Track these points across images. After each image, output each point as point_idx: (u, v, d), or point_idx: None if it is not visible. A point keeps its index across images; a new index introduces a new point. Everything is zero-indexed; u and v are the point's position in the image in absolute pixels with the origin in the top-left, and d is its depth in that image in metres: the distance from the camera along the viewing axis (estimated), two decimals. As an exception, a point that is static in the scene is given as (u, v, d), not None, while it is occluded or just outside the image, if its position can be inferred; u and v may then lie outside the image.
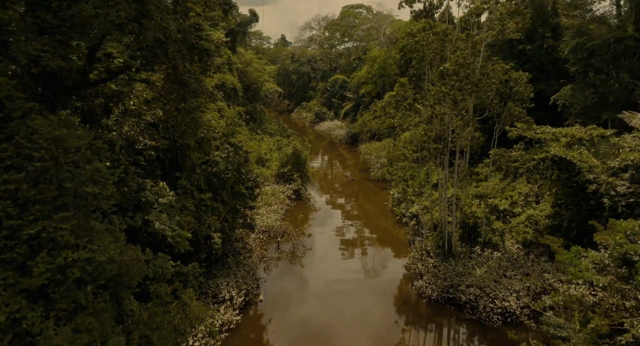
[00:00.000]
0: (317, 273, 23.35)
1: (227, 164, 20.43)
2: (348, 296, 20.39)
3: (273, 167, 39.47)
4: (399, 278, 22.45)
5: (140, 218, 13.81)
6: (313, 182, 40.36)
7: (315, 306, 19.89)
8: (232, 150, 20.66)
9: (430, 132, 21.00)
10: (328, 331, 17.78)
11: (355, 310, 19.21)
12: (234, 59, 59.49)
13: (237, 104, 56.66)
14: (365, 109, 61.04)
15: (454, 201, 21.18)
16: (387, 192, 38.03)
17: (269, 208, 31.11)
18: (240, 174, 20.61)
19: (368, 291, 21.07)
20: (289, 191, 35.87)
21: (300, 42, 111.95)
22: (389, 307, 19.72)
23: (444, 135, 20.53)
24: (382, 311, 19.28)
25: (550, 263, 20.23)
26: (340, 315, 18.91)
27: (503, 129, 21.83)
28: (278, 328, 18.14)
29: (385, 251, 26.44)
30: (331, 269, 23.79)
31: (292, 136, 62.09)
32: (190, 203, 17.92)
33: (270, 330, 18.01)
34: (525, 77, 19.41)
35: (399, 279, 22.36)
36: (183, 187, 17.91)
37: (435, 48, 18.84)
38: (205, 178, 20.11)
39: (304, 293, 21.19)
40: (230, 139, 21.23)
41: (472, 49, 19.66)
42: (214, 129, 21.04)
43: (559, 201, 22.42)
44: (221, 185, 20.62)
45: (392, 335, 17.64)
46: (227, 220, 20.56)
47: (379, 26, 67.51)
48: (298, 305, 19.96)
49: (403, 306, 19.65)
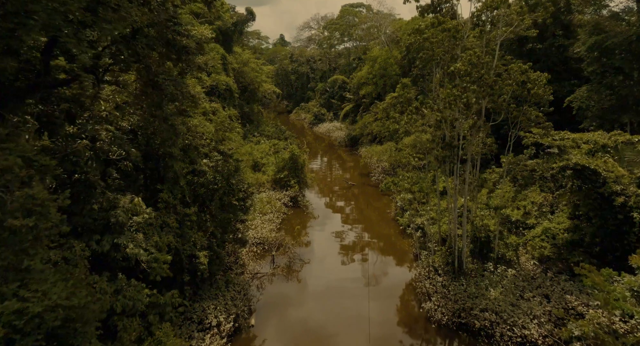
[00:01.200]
0: (314, 292, 21.46)
1: (215, 174, 18.56)
2: (349, 322, 18.50)
3: (269, 172, 37.59)
4: (406, 299, 20.56)
5: (109, 241, 11.92)
6: (311, 187, 38.47)
7: (312, 326, 18.02)
8: (221, 158, 18.79)
9: (437, 139, 19.16)
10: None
11: (360, 337, 17.33)
12: (229, 59, 57.62)
13: (233, 106, 54.92)
14: (366, 110, 59.18)
15: (465, 213, 19.31)
16: (389, 198, 36.21)
17: (263, 217, 29.23)
18: (230, 184, 18.73)
19: (374, 313, 19.16)
20: (286, 198, 34.00)
21: (299, 42, 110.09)
22: (395, 332, 17.83)
23: (453, 142, 18.67)
24: (390, 341, 17.36)
25: (571, 283, 18.39)
26: (341, 343, 17.06)
27: (515, 134, 19.97)
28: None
29: (389, 266, 24.55)
30: (330, 285, 21.91)
31: (290, 138, 60.34)
32: (173, 218, 16.04)
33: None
34: (545, 78, 17.55)
35: (406, 300, 20.47)
36: (165, 201, 16.02)
37: (446, 46, 16.97)
38: (191, 189, 18.24)
39: (299, 311, 19.32)
40: (220, 146, 19.33)
41: (485, 48, 17.81)
42: (202, 135, 19.17)
43: (578, 213, 20.55)
44: (209, 197, 18.75)
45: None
46: (216, 235, 18.68)
47: (379, 25, 65.67)
48: (292, 328, 18.09)
49: (411, 332, 17.76)
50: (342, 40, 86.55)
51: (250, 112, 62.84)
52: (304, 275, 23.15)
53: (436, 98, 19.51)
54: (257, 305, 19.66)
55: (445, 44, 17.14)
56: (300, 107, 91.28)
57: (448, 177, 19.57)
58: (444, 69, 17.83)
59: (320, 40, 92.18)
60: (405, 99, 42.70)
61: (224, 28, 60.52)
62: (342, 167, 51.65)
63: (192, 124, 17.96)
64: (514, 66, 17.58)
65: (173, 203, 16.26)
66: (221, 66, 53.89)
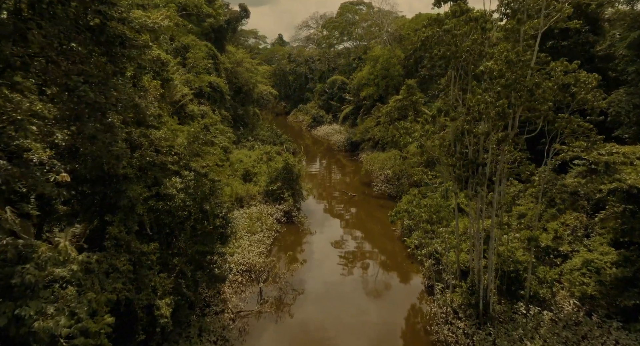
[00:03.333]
0: (308, 338, 17.91)
1: (186, 198, 15.01)
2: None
3: (262, 182, 34.01)
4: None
5: (8, 312, 8.37)
6: (308, 198, 34.82)
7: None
8: (192, 178, 15.23)
9: (453, 150, 15.61)
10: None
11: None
12: (222, 58, 54.09)
13: (225, 108, 51.37)
14: (367, 113, 55.64)
15: (493, 244, 15.74)
16: (394, 212, 32.70)
17: (252, 237, 25.67)
18: (204, 211, 15.18)
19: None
20: (279, 213, 30.43)
21: (297, 42, 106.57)
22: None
23: (478, 158, 15.14)
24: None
25: (627, 333, 14.85)
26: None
27: (553, 148, 16.43)
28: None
29: (398, 301, 20.90)
30: (328, 325, 18.37)
31: (287, 143, 56.79)
32: (124, 259, 12.51)
33: None
34: (595, 80, 14.04)
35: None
36: (114, 237, 12.50)
37: (474, 40, 13.39)
38: (155, 217, 14.69)
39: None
40: (193, 162, 15.78)
41: (520, 42, 14.27)
42: (170, 150, 15.64)
43: (624, 240, 17.02)
44: (178, 226, 15.20)
45: None
46: (186, 274, 15.13)
47: (381, 23, 62.15)
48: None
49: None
50: (342, 39, 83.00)
51: (245, 115, 59.33)
52: (297, 310, 19.62)
53: (455, 104, 16.00)
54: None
55: (473, 37, 13.61)
56: (298, 108, 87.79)
57: (470, 199, 16.05)
58: (468, 69, 14.27)
59: (319, 39, 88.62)
60: (409, 102, 39.15)
61: (216, 25, 57.02)
62: (341, 173, 48.10)
63: (155, 137, 14.40)
64: (557, 64, 14.03)
65: (125, 239, 12.71)
66: (212, 66, 50.41)
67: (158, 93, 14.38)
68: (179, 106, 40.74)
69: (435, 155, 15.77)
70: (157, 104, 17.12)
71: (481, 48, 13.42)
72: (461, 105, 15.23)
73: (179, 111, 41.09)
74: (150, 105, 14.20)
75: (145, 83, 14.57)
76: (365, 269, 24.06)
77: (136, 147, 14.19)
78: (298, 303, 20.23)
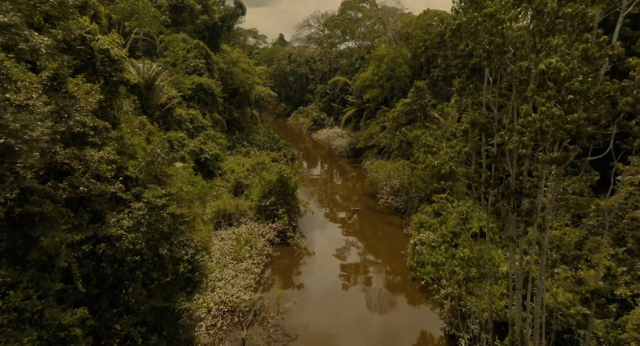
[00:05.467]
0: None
1: (136, 239, 11.27)
2: None
3: (254, 195, 30.25)
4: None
5: None
6: (305, 214, 30.89)
7: None
8: (145, 212, 11.50)
9: (492, 179, 11.84)
10: None
11: None
12: (215, 58, 50.39)
13: (218, 112, 47.64)
14: (371, 117, 51.87)
15: (541, 299, 11.90)
16: (401, 230, 28.92)
17: (238, 266, 21.92)
18: (160, 256, 11.42)
19: None
20: (272, 233, 26.70)
21: (298, 41, 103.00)
22: None
23: (524, 188, 11.33)
24: None
25: None
26: None
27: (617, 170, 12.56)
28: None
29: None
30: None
31: (284, 148, 53.06)
32: (35, 335, 8.80)
33: None
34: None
35: None
36: (15, 308, 8.77)
37: (535, 26, 9.48)
38: (92, 266, 10.96)
39: None
40: (149, 190, 12.03)
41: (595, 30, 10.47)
42: (120, 174, 11.93)
43: None
44: (126, 276, 11.46)
45: None
46: (136, 342, 11.37)
47: (385, 20, 58.30)
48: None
49: None
50: (344, 38, 79.27)
51: (241, 118, 55.63)
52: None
53: (490, 115, 12.20)
54: None
55: (522, 25, 9.82)
56: (298, 110, 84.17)
57: (512, 241, 12.19)
58: (518, 68, 10.42)
59: (320, 38, 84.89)
60: (418, 106, 35.25)
61: (210, 23, 53.36)
62: (343, 182, 44.24)
63: (93, 159, 10.68)
64: (637, 60, 10.20)
65: (36, 307, 8.99)
66: (204, 66, 46.70)
67: (94, 100, 10.62)
68: (165, 109, 37.17)
69: (465, 182, 11.98)
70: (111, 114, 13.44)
71: (536, 40, 9.61)
72: (496, 115, 11.45)
73: (165, 115, 37.55)
74: (84, 115, 10.49)
75: (84, 86, 10.84)
76: (370, 308, 20.23)
77: (65, 173, 10.48)
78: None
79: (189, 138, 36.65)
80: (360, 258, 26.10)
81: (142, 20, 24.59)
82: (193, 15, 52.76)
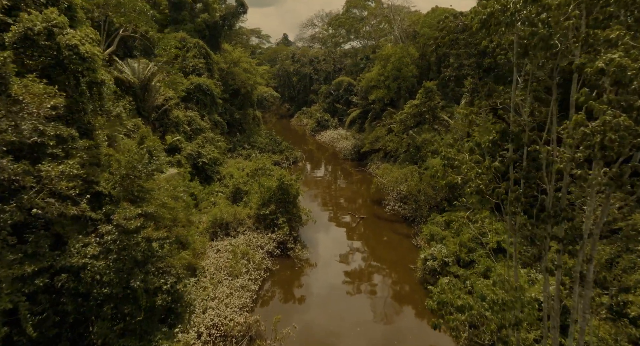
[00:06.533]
0: None
1: (103, 269, 9.55)
2: None
3: (253, 203, 28.48)
4: None
5: None
6: (307, 223, 29.01)
7: None
8: (115, 236, 9.76)
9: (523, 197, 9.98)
10: None
11: None
12: (216, 57, 48.75)
13: (218, 113, 45.98)
14: (376, 118, 49.99)
15: (583, 340, 10.01)
16: (409, 240, 27.06)
17: (234, 282, 20.17)
18: (132, 289, 9.68)
19: None
20: (271, 244, 24.95)
21: (302, 41, 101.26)
22: None
23: (564, 211, 9.47)
24: None
25: None
26: None
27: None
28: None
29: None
30: None
31: (287, 151, 51.28)
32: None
33: None
34: None
35: None
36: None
37: (576, 16, 7.68)
38: (50, 303, 9.25)
39: None
40: (118, 211, 10.29)
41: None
42: (88, 191, 10.22)
43: None
44: (92, 311, 9.74)
45: None
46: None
47: (392, 18, 56.36)
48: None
49: None
50: (349, 38, 77.34)
51: (243, 119, 53.96)
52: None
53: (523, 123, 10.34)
54: None
55: (572, 13, 7.95)
56: (302, 111, 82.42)
57: (548, 272, 10.32)
58: (566, 67, 8.59)
59: (325, 37, 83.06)
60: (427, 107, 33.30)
61: (210, 21, 51.71)
62: (348, 185, 42.38)
63: (49, 174, 8.96)
64: None
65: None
66: (204, 66, 45.07)
67: (48, 104, 8.90)
68: (161, 111, 35.54)
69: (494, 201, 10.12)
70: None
71: (590, 31, 7.74)
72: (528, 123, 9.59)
73: (161, 117, 35.92)
74: (40, 123, 8.78)
75: (34, 88, 9.13)
76: (378, 332, 18.40)
77: (14, 192, 8.77)
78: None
79: (187, 141, 35.03)
80: (365, 272, 24.27)
81: (130, 16, 22.93)
82: (193, 13, 51.22)
